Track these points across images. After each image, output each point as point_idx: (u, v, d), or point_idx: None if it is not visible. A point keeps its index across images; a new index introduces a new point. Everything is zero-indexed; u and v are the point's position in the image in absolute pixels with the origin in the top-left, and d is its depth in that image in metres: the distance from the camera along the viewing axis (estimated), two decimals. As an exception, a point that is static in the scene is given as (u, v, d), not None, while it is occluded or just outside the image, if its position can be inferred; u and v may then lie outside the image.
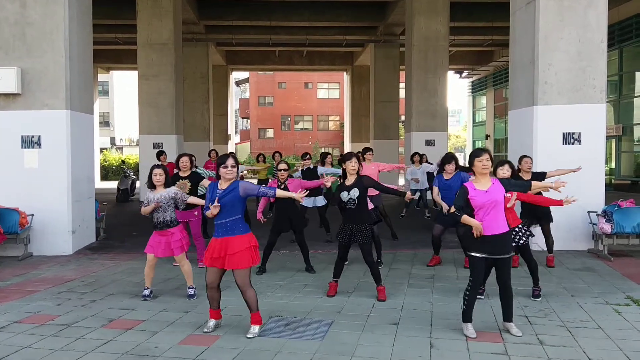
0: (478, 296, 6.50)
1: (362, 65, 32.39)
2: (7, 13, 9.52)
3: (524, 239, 6.58)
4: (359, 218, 6.57)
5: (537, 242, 9.60)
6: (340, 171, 10.51)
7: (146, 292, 6.71)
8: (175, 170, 8.61)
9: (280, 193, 5.63)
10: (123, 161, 26.19)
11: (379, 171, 10.40)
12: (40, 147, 9.58)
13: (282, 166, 8.15)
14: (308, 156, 11.11)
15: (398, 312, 6.05)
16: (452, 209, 5.34)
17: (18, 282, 7.67)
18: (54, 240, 9.59)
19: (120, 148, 56.39)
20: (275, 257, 8.88)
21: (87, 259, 9.25)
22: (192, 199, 6.94)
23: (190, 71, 25.57)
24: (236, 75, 50.31)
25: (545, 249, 8.61)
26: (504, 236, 5.26)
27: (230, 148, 33.87)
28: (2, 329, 5.57)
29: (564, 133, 9.65)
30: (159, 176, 6.61)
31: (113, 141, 60.46)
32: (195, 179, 8.43)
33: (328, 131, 55.79)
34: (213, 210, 5.24)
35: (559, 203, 6.05)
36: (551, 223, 8.40)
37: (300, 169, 10.92)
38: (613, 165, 23.09)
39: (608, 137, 16.35)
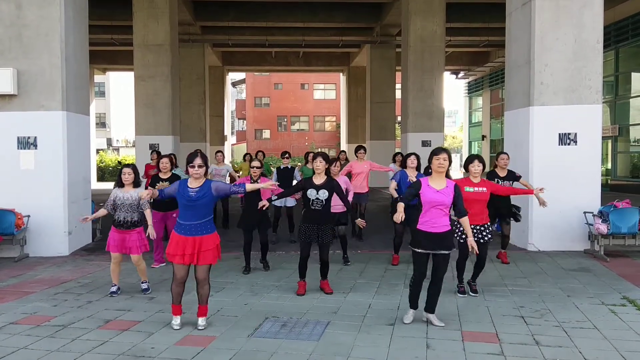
0: (459, 294, 6.73)
1: (358, 66, 32.40)
2: (3, 14, 9.49)
3: (488, 237, 6.74)
4: (322, 219, 6.69)
5: (533, 242, 9.65)
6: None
7: (113, 288, 6.86)
8: (156, 171, 8.64)
9: (249, 187, 5.73)
10: (119, 162, 26.12)
11: (370, 170, 10.53)
12: (36, 148, 9.56)
13: (255, 164, 8.22)
14: (287, 155, 11.20)
15: (394, 313, 6.06)
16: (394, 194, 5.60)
17: (14, 283, 7.65)
18: (50, 241, 9.56)
19: (117, 149, 56.39)
20: (271, 258, 8.88)
21: (83, 260, 9.23)
22: (147, 214, 6.81)
23: (187, 72, 25.52)
24: (232, 76, 50.39)
25: (543, 249, 8.64)
26: (444, 235, 5.43)
27: (227, 149, 33.84)
28: (-3, 330, 5.56)
29: (560, 134, 9.68)
30: (127, 175, 6.66)
31: (109, 142, 60.43)
32: (175, 181, 8.32)
33: (324, 132, 55.80)
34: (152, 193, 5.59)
35: (530, 192, 7.14)
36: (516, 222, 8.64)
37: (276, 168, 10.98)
38: (609, 165, 23.14)
39: (604, 138, 16.40)
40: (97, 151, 37.51)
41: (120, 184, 6.75)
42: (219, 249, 5.59)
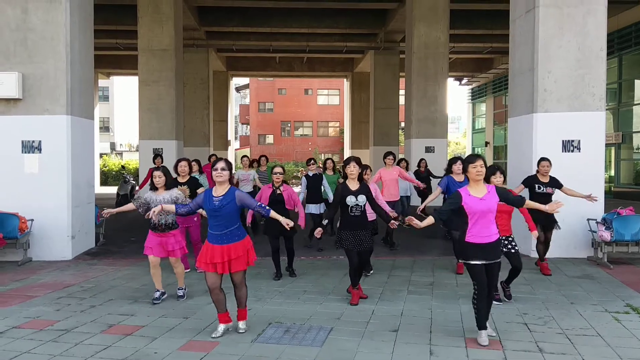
0: (495, 302, 6.53)
1: (362, 72, 32.45)
2: (9, 18, 9.55)
3: (516, 248, 6.65)
4: (362, 225, 6.58)
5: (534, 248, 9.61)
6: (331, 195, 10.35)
7: (157, 294, 6.74)
8: (175, 176, 8.61)
9: (273, 215, 5.60)
10: (123, 166, 26.10)
11: (398, 176, 10.31)
12: (40, 152, 9.58)
13: (278, 169, 8.12)
14: (312, 161, 10.87)
15: (397, 319, 6.05)
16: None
17: (17, 287, 7.66)
18: (54, 245, 9.58)
19: (120, 153, 56.40)
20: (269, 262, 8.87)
21: (86, 265, 9.24)
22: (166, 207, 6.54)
23: (191, 77, 25.61)
24: (236, 81, 50.50)
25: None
26: (496, 243, 5.29)
27: (230, 154, 33.88)
28: (1, 334, 5.57)
29: (563, 140, 9.67)
30: (158, 178, 6.63)
31: (113, 146, 60.50)
32: (193, 184, 8.39)
33: (328, 137, 55.80)
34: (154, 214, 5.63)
35: (531, 229, 6.88)
36: (554, 231, 8.44)
37: (303, 175, 10.79)
38: (612, 173, 23.11)
39: (607, 145, 16.36)
40: (101, 155, 37.61)
41: (153, 188, 6.71)
42: (250, 253, 5.55)
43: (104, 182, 33.97)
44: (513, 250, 6.63)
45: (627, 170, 22.66)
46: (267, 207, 5.65)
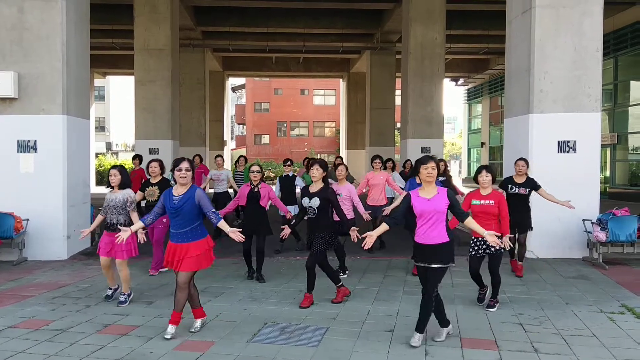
0: (478, 303, 6.62)
1: (358, 72, 32.47)
2: (4, 18, 9.52)
3: (501, 250, 6.43)
4: (315, 227, 6.63)
5: (532, 250, 9.65)
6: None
7: (109, 292, 6.85)
8: (148, 177, 8.60)
9: (222, 225, 5.49)
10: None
11: (387, 182, 10.23)
12: (36, 152, 9.56)
13: (255, 168, 8.11)
14: (289, 162, 10.88)
15: (393, 319, 6.05)
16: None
17: (13, 287, 7.65)
18: (49, 245, 9.56)
19: (116, 153, 56.35)
20: (270, 263, 8.88)
21: (81, 264, 9.22)
22: (134, 217, 6.65)
23: (187, 77, 25.57)
24: (232, 81, 50.44)
25: (542, 257, 8.63)
26: (435, 247, 5.15)
27: (226, 154, 33.85)
28: (-4, 334, 5.56)
29: (559, 141, 9.70)
30: (113, 177, 6.64)
31: (109, 146, 60.41)
32: (165, 186, 8.21)
33: (324, 137, 55.81)
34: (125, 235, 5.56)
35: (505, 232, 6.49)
36: (529, 232, 8.40)
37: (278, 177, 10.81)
38: (608, 173, 23.17)
39: (603, 146, 16.44)
40: (97, 155, 37.53)
41: (110, 186, 6.73)
42: (207, 255, 5.52)
43: (100, 181, 33.85)
44: (498, 253, 6.45)
45: (623, 171, 22.73)
46: (219, 215, 5.57)
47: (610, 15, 19.97)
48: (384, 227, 5.27)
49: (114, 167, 6.80)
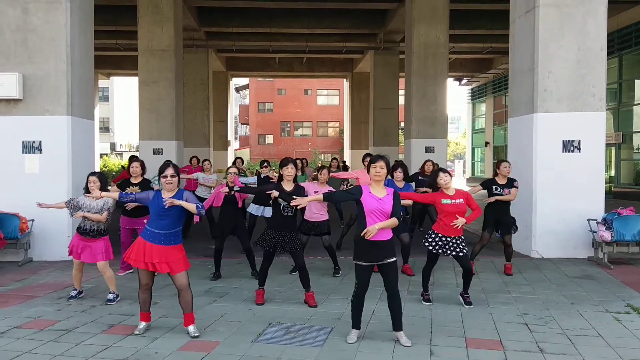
0: (425, 302, 6.66)
1: (361, 72, 32.48)
2: (9, 19, 9.54)
3: (465, 250, 6.47)
4: (287, 226, 6.60)
5: (537, 249, 9.64)
6: (251, 179, 10.58)
7: (73, 293, 6.96)
8: (128, 177, 8.62)
9: (206, 205, 5.61)
10: (123, 167, 26.20)
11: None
12: (41, 153, 9.58)
13: (232, 169, 8.27)
14: (266, 163, 10.96)
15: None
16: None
17: (18, 287, 7.67)
18: (54, 245, 9.57)
19: (120, 154, 56.42)
20: (275, 263, 8.86)
21: (86, 265, 9.21)
22: (106, 194, 6.50)
23: (191, 77, 25.64)
24: (236, 81, 50.50)
25: (547, 256, 8.62)
26: (387, 242, 5.23)
27: (230, 154, 33.89)
28: (2, 334, 5.57)
29: (563, 141, 9.68)
30: (92, 184, 6.65)
31: (113, 147, 60.49)
32: (146, 186, 8.28)
33: (327, 137, 55.84)
34: (172, 202, 5.24)
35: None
36: (512, 234, 8.30)
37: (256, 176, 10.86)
38: (613, 173, 23.12)
39: (608, 145, 16.37)
40: (101, 156, 37.62)
41: (87, 191, 6.73)
42: (185, 259, 5.55)
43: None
44: (462, 253, 6.44)
45: (628, 170, 22.68)
46: (203, 208, 5.55)
47: (615, 14, 19.93)
48: (393, 221, 5.22)
49: (93, 173, 6.81)
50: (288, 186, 6.67)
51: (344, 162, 14.45)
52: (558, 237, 9.60)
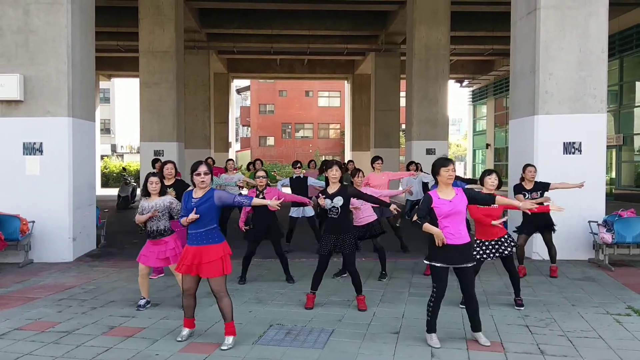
0: (460, 305, 6.57)
1: (362, 74, 32.47)
2: (10, 20, 9.56)
3: (509, 249, 6.54)
4: (342, 228, 6.56)
5: (538, 251, 9.63)
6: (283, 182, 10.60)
7: (142, 302, 6.62)
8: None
9: (255, 201, 5.57)
10: (124, 168, 26.23)
11: (389, 180, 10.24)
12: (41, 154, 9.59)
13: (261, 173, 8.00)
14: (299, 164, 10.93)
15: (399, 321, 6.04)
16: (415, 217, 5.31)
17: (19, 289, 7.67)
18: (55, 247, 9.58)
19: (121, 155, 56.45)
20: (277, 265, 8.86)
21: (87, 266, 9.24)
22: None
23: (192, 79, 25.65)
24: (237, 83, 50.43)
25: (548, 258, 8.60)
26: (465, 247, 5.24)
27: (231, 155, 33.90)
28: (2, 335, 5.57)
29: (564, 142, 9.68)
30: (154, 184, 6.55)
31: (114, 148, 60.58)
32: (180, 187, 8.20)
33: (328, 139, 55.84)
34: (192, 216, 5.19)
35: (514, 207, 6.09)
36: (553, 233, 8.35)
37: (288, 178, 10.79)
38: (613, 175, 23.10)
39: (608, 147, 16.37)
40: (102, 157, 37.61)
41: (146, 194, 6.61)
42: (225, 260, 5.41)
43: (105, 184, 33.95)
44: (505, 253, 6.49)
45: (628, 172, 22.65)
46: (249, 197, 5.57)
47: (616, 16, 19.92)
48: (433, 228, 5.19)
49: (153, 174, 6.62)
50: (334, 188, 6.56)
51: (351, 161, 14.41)
52: (559, 239, 9.55)
